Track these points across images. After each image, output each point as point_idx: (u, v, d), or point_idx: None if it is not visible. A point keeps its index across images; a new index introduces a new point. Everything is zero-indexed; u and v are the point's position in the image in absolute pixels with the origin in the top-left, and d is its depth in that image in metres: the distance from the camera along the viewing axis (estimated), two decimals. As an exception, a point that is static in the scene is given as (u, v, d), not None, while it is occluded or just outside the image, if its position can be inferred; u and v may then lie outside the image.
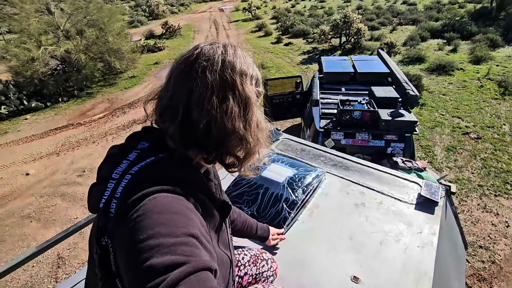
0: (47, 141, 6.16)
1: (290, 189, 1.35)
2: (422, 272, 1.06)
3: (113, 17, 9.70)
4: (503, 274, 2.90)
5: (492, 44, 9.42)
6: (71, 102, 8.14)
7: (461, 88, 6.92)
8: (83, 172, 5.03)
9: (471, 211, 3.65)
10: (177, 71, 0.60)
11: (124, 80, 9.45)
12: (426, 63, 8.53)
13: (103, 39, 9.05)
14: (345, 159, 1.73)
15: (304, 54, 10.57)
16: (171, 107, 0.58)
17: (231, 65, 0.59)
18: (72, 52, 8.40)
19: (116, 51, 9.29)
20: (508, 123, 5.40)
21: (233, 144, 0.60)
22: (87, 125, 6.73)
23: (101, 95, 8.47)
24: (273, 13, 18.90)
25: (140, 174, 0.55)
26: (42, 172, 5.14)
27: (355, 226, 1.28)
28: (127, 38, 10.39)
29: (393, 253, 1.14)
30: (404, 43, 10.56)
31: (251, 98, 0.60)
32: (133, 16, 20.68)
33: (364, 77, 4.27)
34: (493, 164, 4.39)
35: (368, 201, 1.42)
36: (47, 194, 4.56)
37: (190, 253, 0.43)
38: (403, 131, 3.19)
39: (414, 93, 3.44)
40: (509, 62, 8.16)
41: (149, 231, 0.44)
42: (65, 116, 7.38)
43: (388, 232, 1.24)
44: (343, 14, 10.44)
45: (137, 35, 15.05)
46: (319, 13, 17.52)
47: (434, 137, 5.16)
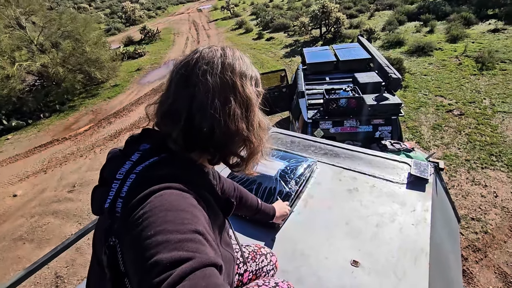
0: (32, 160, 5.99)
1: (283, 181, 1.36)
2: (418, 249, 1.08)
3: (88, 26, 9.45)
4: (496, 242, 3.00)
5: (466, 22, 9.64)
6: (54, 117, 7.93)
7: (441, 68, 7.07)
8: (74, 187, 4.92)
9: (461, 185, 3.76)
10: (178, 76, 0.60)
11: (106, 90, 9.25)
12: (405, 46, 8.67)
13: (80, 49, 8.82)
14: (335, 147, 1.74)
15: (286, 48, 10.58)
16: (173, 111, 0.59)
17: (230, 67, 0.60)
18: (49, 66, 8.16)
19: (95, 61, 9.07)
20: (488, 97, 5.56)
21: (237, 145, 0.61)
22: (73, 139, 6.58)
23: (84, 107, 8.28)
24: (251, 9, 18.82)
25: (145, 172, 0.56)
26: (31, 191, 5.00)
27: (350, 212, 1.29)
28: (105, 46, 10.17)
29: (389, 233, 1.16)
30: (383, 28, 10.70)
31: (252, 99, 0.61)
32: (109, 23, 20.24)
33: (347, 65, 4.32)
34: (478, 138, 4.52)
35: (361, 185, 1.44)
36: (37, 213, 4.44)
37: (196, 249, 0.43)
38: (388, 114, 3.24)
39: (397, 76, 3.49)
40: (484, 39, 8.38)
41: (157, 227, 0.44)
42: (48, 132, 7.18)
43: (382, 214, 1.26)
44: (321, 5, 10.48)
45: (116, 42, 14.75)
46: (297, 5, 17.54)
47: (420, 117, 5.27)
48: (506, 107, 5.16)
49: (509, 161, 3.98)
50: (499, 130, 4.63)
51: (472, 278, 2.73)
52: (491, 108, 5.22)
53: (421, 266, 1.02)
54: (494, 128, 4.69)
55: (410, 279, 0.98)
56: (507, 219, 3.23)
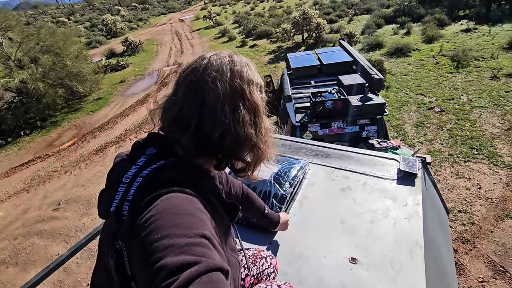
0: (14, 179, 5.76)
1: (277, 184, 1.37)
2: (413, 242, 1.11)
3: (68, 40, 9.29)
4: (483, 232, 3.10)
5: (440, 23, 10.10)
6: (35, 134, 7.68)
7: (419, 67, 7.35)
8: (59, 205, 4.75)
9: (446, 180, 3.88)
10: (186, 82, 0.61)
11: (89, 104, 9.06)
12: (384, 48, 8.97)
13: (60, 64, 8.63)
14: (325, 148, 1.77)
15: (270, 54, 10.72)
16: (182, 118, 0.59)
17: (239, 74, 0.61)
18: (29, 81, 7.93)
19: (77, 75, 8.89)
20: (465, 93, 5.81)
21: (245, 151, 0.62)
22: (56, 156, 6.38)
23: (67, 122, 8.06)
24: (234, 18, 19.04)
25: (151, 176, 0.56)
26: (13, 212, 4.79)
27: (345, 210, 1.31)
28: (87, 60, 9.99)
29: (384, 229, 1.19)
30: (362, 32, 11.04)
31: (259, 105, 0.63)
32: (90, 37, 19.94)
33: (330, 68, 4.41)
34: (459, 133, 4.69)
35: (353, 184, 1.46)
36: (21, 235, 4.25)
37: (203, 253, 0.43)
38: (374, 114, 3.33)
39: (379, 76, 3.60)
40: (457, 38, 8.79)
41: (163, 231, 0.44)
42: (30, 149, 6.94)
43: (376, 210, 1.28)
44: (301, 11, 10.72)
45: (98, 55, 14.52)
46: (278, 12, 17.87)
47: (403, 116, 5.43)
48: (483, 102, 5.39)
49: (489, 153, 4.15)
50: (478, 124, 4.83)
51: (463, 269, 2.80)
52: (469, 103, 5.45)
53: (416, 258, 1.04)
54: (473, 122, 4.89)
55: (407, 272, 1.00)
56: (492, 209, 3.35)
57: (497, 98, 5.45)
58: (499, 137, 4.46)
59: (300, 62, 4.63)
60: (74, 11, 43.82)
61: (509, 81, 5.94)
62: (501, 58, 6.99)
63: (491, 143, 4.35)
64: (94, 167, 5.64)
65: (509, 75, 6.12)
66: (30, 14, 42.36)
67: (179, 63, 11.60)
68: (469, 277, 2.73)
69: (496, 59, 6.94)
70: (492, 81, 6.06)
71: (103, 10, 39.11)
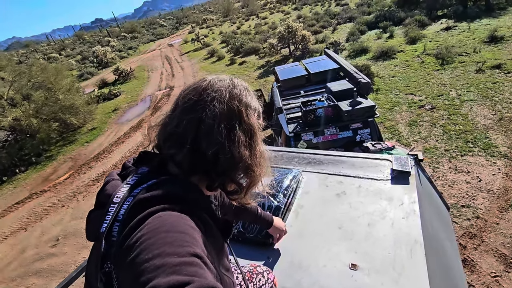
0: (9, 219, 5.64)
1: (271, 196, 1.34)
2: (412, 241, 1.08)
3: (60, 74, 9.41)
4: (489, 225, 3.05)
5: (420, 24, 10.41)
6: (30, 170, 7.61)
7: (406, 68, 7.48)
8: (57, 240, 4.63)
9: (446, 175, 3.85)
10: (185, 100, 0.62)
11: (84, 135, 9.06)
12: (370, 53, 9.17)
13: (53, 98, 8.70)
14: (317, 154, 1.76)
15: (259, 69, 10.90)
16: (178, 134, 0.59)
17: (238, 96, 0.62)
18: (22, 118, 7.95)
19: (70, 107, 8.95)
20: (453, 88, 5.89)
21: (239, 172, 0.62)
22: (52, 190, 6.29)
23: (62, 155, 8.02)
24: (221, 38, 19.49)
25: (143, 194, 0.55)
26: (10, 253, 4.66)
27: (341, 215, 1.28)
28: (79, 92, 10.09)
29: (382, 230, 1.16)
30: (347, 39, 11.32)
31: (256, 128, 0.63)
32: (81, 69, 20.28)
33: (318, 76, 4.48)
34: (452, 128, 4.72)
35: (348, 188, 1.44)
36: (19, 276, 4.12)
37: (195, 273, 0.42)
38: (365, 117, 3.34)
39: (366, 80, 3.65)
40: (439, 37, 9.02)
41: (155, 250, 0.43)
42: (26, 186, 6.85)
43: (372, 213, 1.25)
44: (286, 26, 11.02)
45: (90, 86, 14.70)
46: (264, 29, 18.36)
47: (395, 116, 5.47)
48: (472, 96, 5.46)
49: (484, 145, 4.15)
50: (469, 117, 4.87)
51: (474, 266, 2.73)
52: (458, 98, 5.52)
53: (417, 257, 1.01)
54: (465, 116, 4.93)
55: (410, 272, 0.96)
56: (495, 201, 3.31)
57: (485, 90, 5.53)
58: (492, 128, 4.49)
59: (288, 74, 4.70)
60: (64, 46, 44.72)
61: (494, 73, 6.06)
62: (483, 51, 7.15)
63: (485, 134, 4.37)
64: (92, 198, 5.56)
65: (493, 67, 6.24)
66: (22, 53, 43.15)
67: (171, 86, 11.74)
68: (481, 273, 2.66)
69: (479, 53, 7.10)
70: (478, 74, 6.17)
71: (93, 42, 39.98)
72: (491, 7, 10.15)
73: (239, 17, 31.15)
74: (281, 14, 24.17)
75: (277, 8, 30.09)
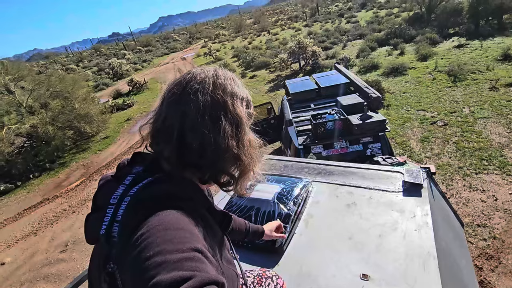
0: (22, 223, 5.75)
1: (281, 203, 1.34)
2: (425, 253, 1.05)
3: (76, 84, 9.77)
4: (507, 246, 2.93)
5: (432, 42, 10.44)
6: (44, 176, 7.79)
7: (417, 84, 7.46)
8: (66, 246, 4.67)
9: (460, 193, 3.75)
10: (169, 95, 0.61)
11: (97, 143, 9.28)
12: (381, 69, 9.20)
13: (69, 107, 9.01)
14: (327, 165, 1.76)
15: (269, 83, 11.05)
16: (165, 129, 0.59)
17: (222, 87, 0.61)
18: (39, 126, 8.23)
19: (85, 116, 9.23)
20: (466, 105, 5.82)
21: (228, 163, 0.61)
22: (64, 196, 6.41)
23: (75, 163, 8.20)
24: (233, 52, 19.95)
25: (139, 194, 0.55)
26: (20, 257, 4.72)
27: (352, 226, 1.27)
28: (94, 101, 10.42)
29: (394, 242, 1.14)
30: (357, 56, 11.42)
31: (242, 117, 0.62)
32: (97, 80, 20.98)
33: (328, 90, 4.51)
34: (466, 145, 4.63)
35: (358, 199, 1.43)
36: (28, 280, 4.15)
37: (196, 268, 0.43)
38: (375, 131, 3.33)
39: (376, 95, 3.66)
40: (451, 54, 9.00)
41: (155, 248, 0.44)
42: (39, 192, 7.00)
43: (384, 224, 1.24)
44: (297, 41, 11.23)
45: (105, 96, 15.15)
46: (275, 44, 18.72)
47: (407, 132, 5.41)
48: (486, 113, 5.38)
49: (500, 163, 4.05)
50: (484, 135, 4.78)
51: (492, 288, 2.61)
52: (472, 115, 5.43)
53: (430, 270, 0.98)
54: (479, 133, 4.84)
55: (422, 285, 0.94)
56: (512, 220, 3.19)
57: (499, 108, 5.44)
58: (508, 146, 4.38)
59: (298, 87, 4.76)
60: (82, 58, 46.61)
61: (508, 90, 5.97)
62: (497, 69, 7.08)
63: (500, 152, 4.27)
64: (101, 205, 5.62)
65: (507, 85, 6.16)
66: (41, 64, 45.07)
67: (182, 98, 11.98)
68: (499, 296, 2.54)
69: (493, 71, 7.04)
70: (492, 92, 6.09)
71: (109, 55, 41.50)
72: (504, 25, 10.13)
73: (251, 33, 31.92)
74: (292, 31, 24.66)
75: (288, 24, 30.77)
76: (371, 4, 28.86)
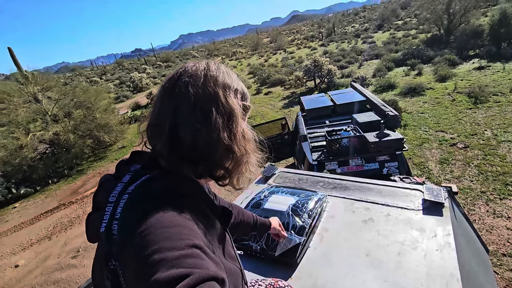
0: (37, 227, 5.89)
1: (296, 215, 1.32)
2: (448, 275, 1.00)
3: (99, 95, 10.23)
4: (537, 278, 2.72)
5: (451, 63, 10.30)
6: (62, 182, 8.03)
7: (435, 105, 7.32)
8: (78, 252, 4.73)
9: (483, 219, 3.56)
10: (162, 90, 0.62)
11: (114, 152, 9.54)
12: (397, 89, 9.11)
13: (90, 116, 9.39)
14: (343, 180, 1.73)
15: (284, 100, 11.15)
16: (158, 124, 0.60)
17: (213, 79, 0.61)
18: (61, 133, 8.59)
19: (104, 126, 9.57)
20: (488, 128, 5.62)
21: (220, 156, 0.60)
22: (79, 203, 6.55)
23: (91, 170, 8.43)
24: (249, 69, 20.39)
25: (137, 190, 0.55)
26: (33, 260, 4.80)
27: (369, 242, 1.23)
28: (114, 112, 10.82)
29: (414, 261, 1.09)
30: (373, 75, 11.40)
31: (234, 109, 0.61)
32: (118, 92, 21.85)
33: (344, 107, 4.49)
34: (488, 169, 4.44)
35: (375, 215, 1.39)
36: (39, 284, 4.19)
37: (194, 264, 0.42)
38: (392, 149, 3.26)
39: (394, 113, 3.61)
40: (471, 76, 8.83)
41: (154, 246, 0.44)
42: (56, 197, 7.20)
43: (403, 242, 1.19)
44: (312, 59, 11.38)
45: (124, 108, 15.70)
46: (290, 62, 19.03)
47: (425, 153, 5.26)
48: (510, 136, 5.17)
49: (526, 189, 3.84)
50: (508, 159, 4.57)
51: (520, 323, 2.41)
52: (495, 138, 5.24)
53: None
54: (503, 157, 4.63)
55: None
56: (541, 251, 2.98)
57: (524, 131, 5.23)
58: (534, 171, 4.17)
59: (313, 104, 4.77)
60: (105, 71, 48.95)
61: (533, 114, 5.75)
62: (520, 92, 6.87)
63: (526, 178, 4.06)
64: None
65: (532, 108, 5.94)
66: (68, 76, 47.59)
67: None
68: (529, 333, 2.33)
69: (516, 93, 6.83)
70: (516, 114, 5.89)
71: (131, 69, 43.35)
72: (527, 48, 9.91)
73: (267, 51, 32.67)
74: (307, 50, 25.06)
75: (304, 44, 31.34)
76: (388, 25, 29.09)
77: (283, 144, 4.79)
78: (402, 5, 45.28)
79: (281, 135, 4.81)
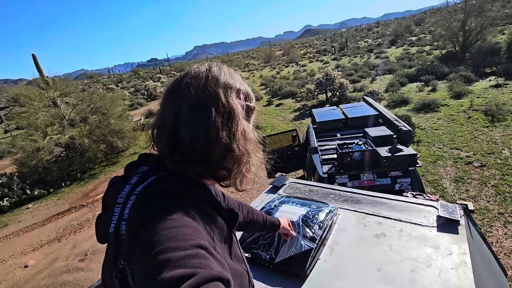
0: (48, 228, 5.99)
1: (306, 226, 1.31)
2: (464, 295, 0.96)
3: (114, 102, 10.53)
4: (559, 307, 2.57)
5: (466, 80, 10.14)
6: (74, 185, 8.20)
7: (450, 122, 7.18)
8: (85, 255, 4.77)
9: (501, 242, 3.42)
10: (166, 92, 0.64)
11: (126, 158, 9.70)
12: (411, 104, 9.00)
13: (105, 122, 9.65)
14: (354, 193, 1.71)
15: (295, 112, 11.18)
16: (161, 125, 0.62)
17: (214, 79, 0.62)
18: (76, 137, 8.84)
19: (118, 132, 9.80)
20: (506, 147, 5.46)
21: (220, 155, 0.60)
22: (90, 206, 6.65)
23: (103, 175, 8.58)
24: (261, 81, 20.62)
25: (144, 191, 0.56)
26: (42, 261, 4.87)
27: (381, 257, 1.20)
28: (128, 119, 11.08)
29: (428, 279, 1.05)
30: (386, 90, 11.32)
31: (235, 109, 0.62)
32: (133, 100, 22.41)
33: (356, 121, 4.46)
34: (506, 190, 4.28)
35: (388, 230, 1.36)
36: (46, 285, 4.23)
37: (199, 264, 0.43)
38: (405, 165, 3.20)
39: (407, 128, 3.56)
40: (488, 93, 8.66)
41: (159, 246, 0.44)
42: (67, 200, 7.34)
43: (416, 259, 1.16)
44: (324, 73, 11.43)
45: (138, 115, 16.06)
46: (302, 75, 19.16)
47: (439, 170, 5.14)
48: (528, 156, 5.00)
49: (547, 212, 3.68)
50: (527, 180, 4.41)
51: None
52: (512, 158, 5.07)
53: None
54: (522, 178, 4.47)
55: None
56: None
57: (544, 151, 5.05)
58: (556, 193, 4.00)
59: (325, 116, 4.76)
60: (122, 79, 50.51)
61: (554, 134, 5.55)
62: (540, 111, 6.68)
63: (547, 200, 3.89)
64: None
65: (553, 128, 5.74)
66: (86, 83, 49.27)
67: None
68: None
69: (535, 113, 6.64)
70: (535, 134, 5.70)
71: (146, 78, 44.52)
72: (547, 67, 9.67)
73: (279, 64, 33.04)
74: (320, 63, 25.21)
75: (316, 57, 31.58)
76: (401, 41, 29.05)
77: (292, 156, 4.77)
78: (416, 21, 45.30)
79: (291, 146, 4.80)
